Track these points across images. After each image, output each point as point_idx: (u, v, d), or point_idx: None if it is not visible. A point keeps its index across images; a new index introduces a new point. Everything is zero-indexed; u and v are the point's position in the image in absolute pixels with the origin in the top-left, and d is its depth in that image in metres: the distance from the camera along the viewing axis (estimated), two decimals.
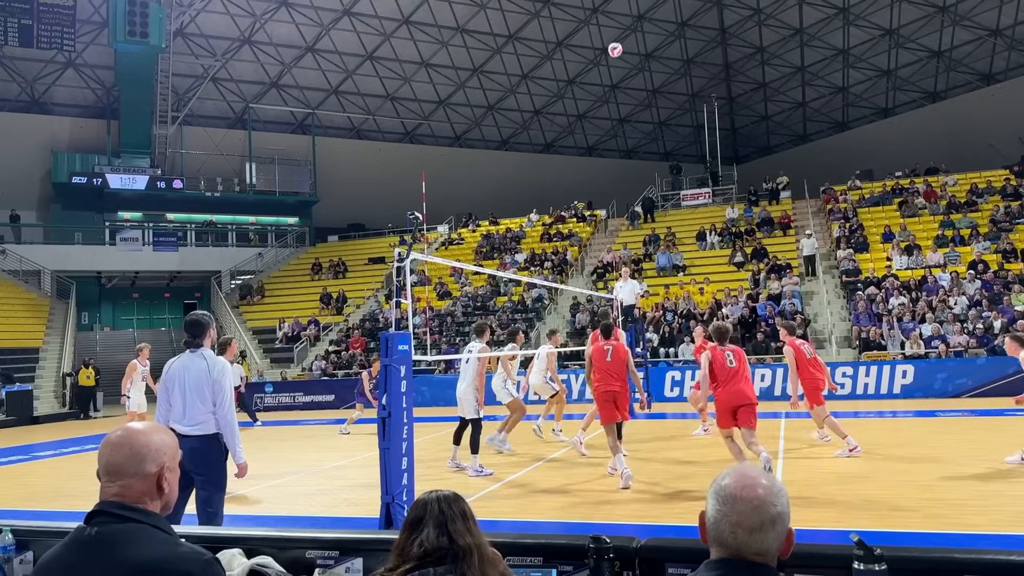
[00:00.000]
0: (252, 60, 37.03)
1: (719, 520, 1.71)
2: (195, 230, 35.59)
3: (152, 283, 36.21)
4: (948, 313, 19.34)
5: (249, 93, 37.98)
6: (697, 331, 13.91)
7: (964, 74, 36.20)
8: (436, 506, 1.98)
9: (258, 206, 37.04)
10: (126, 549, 1.78)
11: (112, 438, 1.94)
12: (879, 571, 2.10)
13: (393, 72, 39.27)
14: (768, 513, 1.69)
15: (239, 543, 2.74)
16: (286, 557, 2.74)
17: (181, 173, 35.79)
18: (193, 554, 1.81)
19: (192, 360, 5.39)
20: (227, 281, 33.17)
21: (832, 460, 9.56)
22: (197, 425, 5.26)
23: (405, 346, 6.75)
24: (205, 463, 5.24)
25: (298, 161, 37.92)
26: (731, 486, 1.73)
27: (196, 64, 35.79)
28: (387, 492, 6.48)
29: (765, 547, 1.69)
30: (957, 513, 6.64)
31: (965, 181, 27.25)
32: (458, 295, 27.37)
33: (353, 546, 2.71)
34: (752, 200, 30.09)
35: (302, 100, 38.95)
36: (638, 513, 7.17)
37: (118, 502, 1.86)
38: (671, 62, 41.57)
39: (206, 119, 37.42)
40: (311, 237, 37.18)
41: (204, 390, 5.28)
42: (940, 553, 2.34)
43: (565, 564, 2.48)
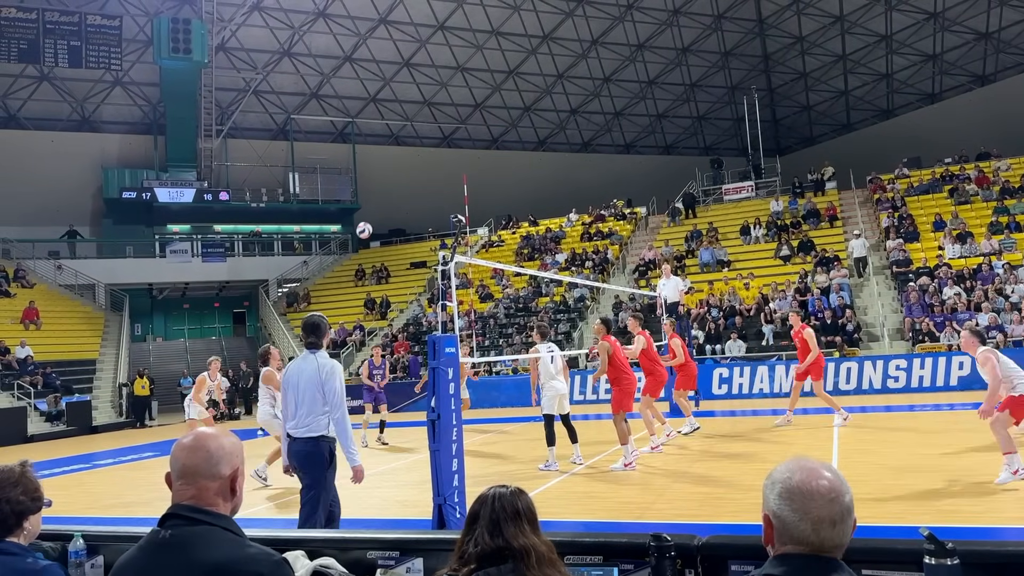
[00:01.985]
0: (292, 72, 37.64)
1: (797, 519, 1.66)
2: (242, 240, 36.29)
3: (202, 293, 37.02)
4: (1004, 302, 18.78)
5: (290, 104, 38.60)
6: (793, 316, 14.18)
7: (1014, 55, 35.08)
8: (491, 504, 1.96)
9: (302, 215, 37.63)
10: (198, 551, 1.83)
11: (185, 442, 1.99)
12: (951, 566, 2.05)
13: (429, 78, 39.54)
14: (844, 503, 1.67)
15: (302, 545, 2.79)
16: (348, 558, 2.78)
17: (227, 185, 36.53)
18: (262, 555, 1.85)
19: (306, 362, 5.45)
20: (274, 289, 33.76)
21: (888, 454, 9.34)
22: (305, 428, 5.31)
23: (452, 348, 6.79)
24: (310, 465, 5.31)
25: (339, 169, 38.42)
26: (804, 481, 1.68)
27: (238, 78, 36.50)
28: (439, 493, 6.53)
29: (845, 539, 1.67)
30: (1018, 507, 6.44)
31: (1019, 165, 26.41)
32: (500, 297, 27.42)
33: (413, 546, 2.74)
34: (797, 192, 29.58)
35: (341, 109, 39.45)
36: (691, 512, 7.10)
37: (191, 505, 1.91)
38: (709, 55, 41.10)
39: (249, 131, 38.13)
40: (354, 244, 37.62)
41: (315, 392, 5.31)
42: (1014, 547, 2.28)
43: (626, 563, 2.46)
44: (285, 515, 8.29)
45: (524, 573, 1.83)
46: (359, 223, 9.37)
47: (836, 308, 20.62)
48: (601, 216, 32.26)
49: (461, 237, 30.88)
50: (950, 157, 28.72)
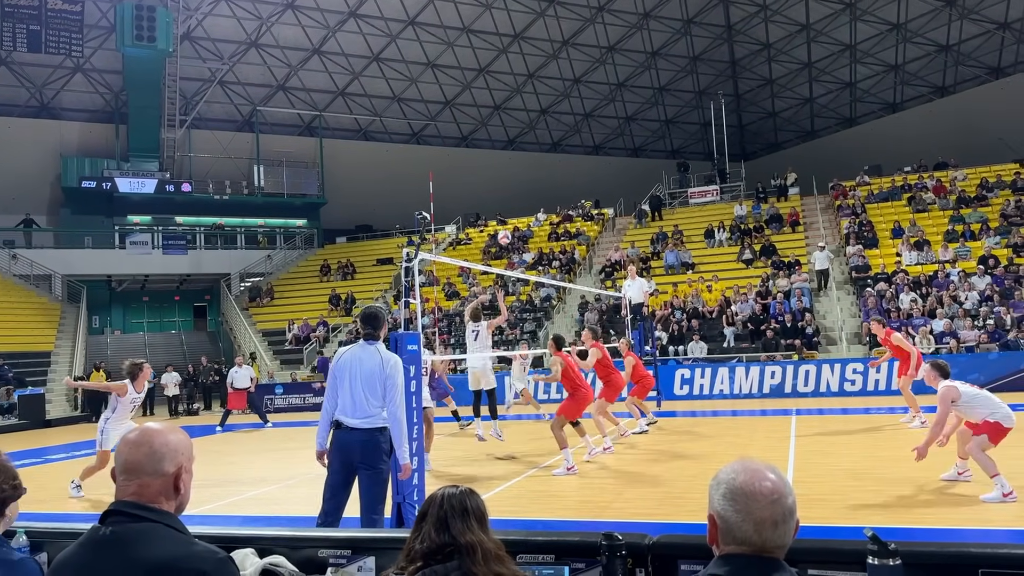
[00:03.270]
0: (259, 63, 37.15)
1: (740, 520, 1.69)
2: (204, 233, 35.72)
3: (162, 286, 36.37)
4: (958, 309, 19.24)
5: (256, 96, 38.10)
6: (875, 325, 13.68)
7: (972, 68, 35.97)
8: (439, 503, 1.96)
9: (266, 208, 37.14)
10: (140, 548, 1.79)
11: (130, 437, 1.95)
12: (894, 566, 2.09)
13: (399, 73, 39.32)
14: (786, 505, 1.69)
15: (251, 543, 2.75)
16: (299, 556, 2.75)
17: (189, 176, 35.95)
18: (207, 553, 1.82)
19: (366, 352, 5.34)
20: (236, 283, 33.29)
21: (843, 456, 9.51)
22: (368, 418, 5.21)
23: (414, 346, 6.75)
24: (375, 456, 5.18)
25: (305, 163, 38.02)
26: (747, 483, 1.71)
27: (203, 68, 35.93)
28: (398, 492, 6.48)
29: (787, 540, 1.69)
30: (970, 509, 6.61)
31: (975, 175, 27.08)
32: (466, 295, 27.38)
33: (365, 545, 2.72)
34: (760, 197, 29.99)
35: (309, 102, 39.05)
36: (648, 511, 7.16)
37: (134, 501, 1.87)
38: (677, 59, 41.48)
39: (214, 122, 37.56)
40: (319, 239, 37.27)
41: (376, 384, 5.23)
42: (954, 548, 2.33)
43: (577, 561, 2.47)
44: (235, 513, 8.19)
45: (470, 569, 1.83)
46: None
47: (796, 312, 20.96)
48: (569, 216, 32.38)
49: (426, 234, 30.80)
50: (909, 166, 29.35)
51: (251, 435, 16.72)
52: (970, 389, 7.23)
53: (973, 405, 7.10)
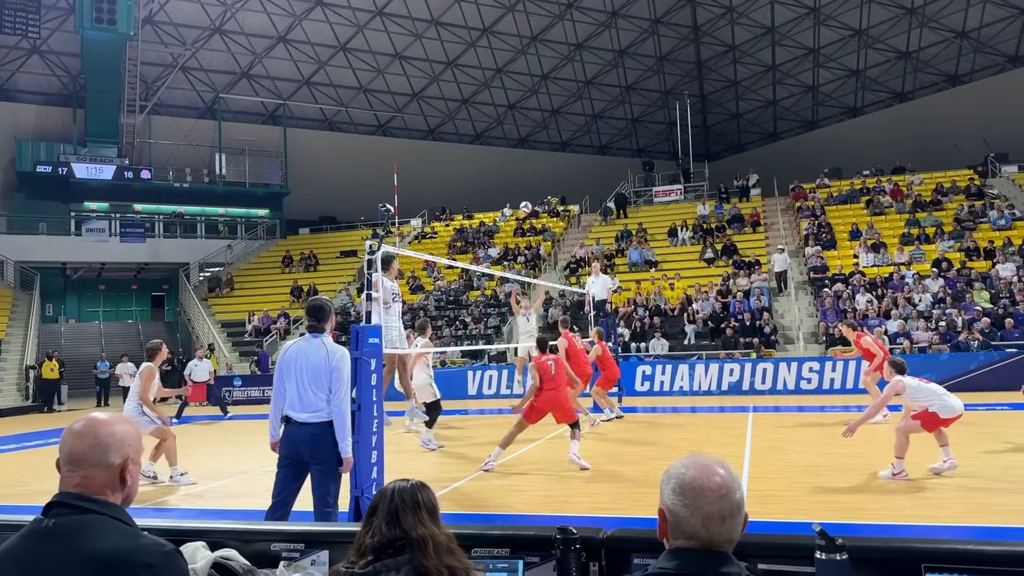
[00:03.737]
0: (223, 49, 36.53)
1: (688, 514, 1.71)
2: (163, 221, 35.07)
3: (119, 275, 35.64)
4: (912, 310, 19.70)
5: (219, 83, 37.47)
6: (845, 329, 13.70)
7: (930, 75, 36.81)
8: (390, 496, 1.95)
9: (228, 197, 36.56)
10: (85, 540, 1.75)
11: (75, 427, 1.90)
12: (840, 561, 2.13)
13: (366, 64, 38.98)
14: (734, 500, 1.71)
15: (203, 536, 2.71)
16: (251, 550, 2.72)
17: (149, 163, 35.25)
18: (154, 546, 1.79)
19: (311, 345, 5.25)
20: (196, 273, 32.76)
21: (798, 452, 9.69)
22: (315, 412, 5.11)
23: (376, 339, 6.71)
24: (324, 451, 5.09)
25: (269, 152, 37.51)
26: (696, 478, 1.73)
27: (165, 53, 35.23)
28: (356, 486, 6.43)
29: (734, 534, 1.71)
30: (917, 505, 6.78)
31: (931, 180, 27.74)
32: (431, 289, 27.29)
33: (319, 538, 2.69)
34: (723, 197, 30.37)
35: (273, 91, 38.52)
36: (607, 506, 7.21)
37: (78, 493, 1.83)
38: (644, 59, 41.77)
39: (175, 109, 36.87)
40: (282, 229, 36.82)
41: (322, 377, 5.13)
42: (899, 543, 2.39)
43: (532, 555, 2.48)
44: (189, 506, 8.08)
45: (422, 563, 1.82)
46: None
47: (755, 311, 21.27)
48: (535, 212, 32.43)
49: (391, 227, 30.60)
50: (868, 170, 29.97)
51: (209, 427, 16.49)
52: (917, 382, 8.03)
53: (916, 397, 7.93)
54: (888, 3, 34.78)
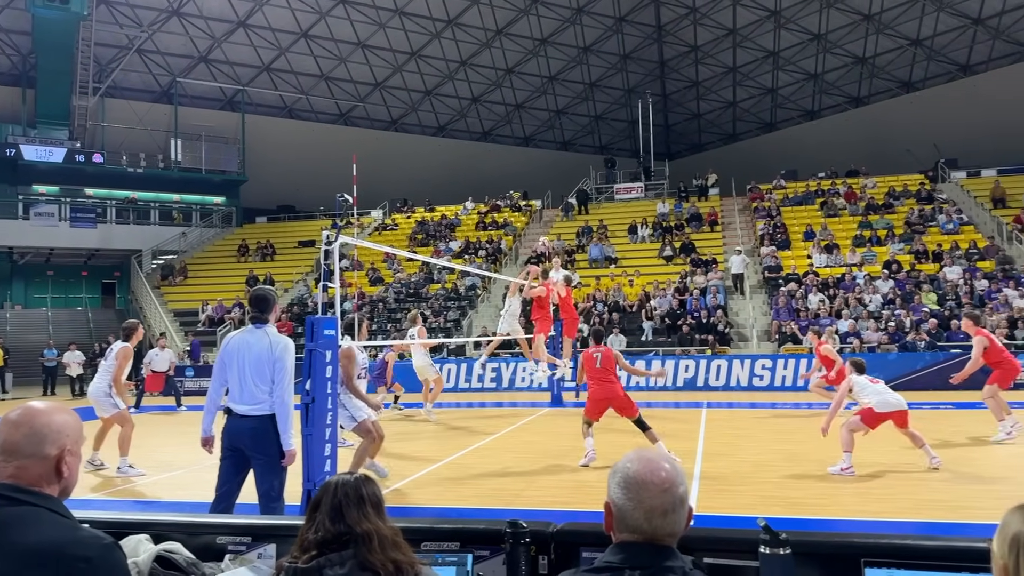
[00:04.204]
0: (180, 33, 35.73)
1: (631, 508, 1.73)
2: (115, 207, 34.22)
3: (68, 260, 34.69)
4: (863, 310, 20.16)
5: (176, 67, 36.67)
6: (811, 335, 14.34)
7: (885, 81, 37.67)
8: (333, 491, 1.92)
9: (183, 184, 35.82)
10: (19, 533, 1.70)
11: (11, 416, 1.84)
12: (784, 555, 2.17)
13: (328, 52, 38.49)
14: (676, 494, 1.73)
15: (146, 528, 2.65)
16: (196, 543, 2.67)
17: (102, 147, 34.34)
18: (92, 538, 1.74)
19: (254, 336, 5.13)
20: (148, 261, 32.05)
21: (748, 449, 9.85)
22: (257, 404, 5.00)
23: (331, 331, 6.64)
24: (265, 444, 4.98)
25: (226, 139, 36.83)
26: (639, 472, 1.75)
27: (121, 34, 34.32)
28: (308, 479, 6.38)
29: (676, 528, 1.73)
30: (863, 501, 6.95)
31: (883, 184, 28.40)
32: (391, 281, 27.12)
33: (266, 532, 2.65)
34: (682, 196, 30.70)
35: (232, 76, 37.81)
36: (559, 500, 7.25)
37: (12, 484, 1.77)
38: (608, 56, 41.97)
39: (130, 92, 35.97)
40: (238, 218, 36.21)
41: (265, 368, 5.02)
42: (840, 538, 2.44)
43: (482, 549, 2.48)
44: (136, 498, 7.92)
45: (366, 557, 1.80)
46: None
47: (711, 309, 21.57)
48: (497, 206, 32.41)
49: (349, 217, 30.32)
50: (823, 172, 30.56)
51: (162, 418, 16.18)
52: (864, 380, 8.62)
53: (860, 393, 8.52)
54: (847, 9, 35.47)
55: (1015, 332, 18.38)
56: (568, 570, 1.85)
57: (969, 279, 20.90)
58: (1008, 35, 33.09)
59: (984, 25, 33.34)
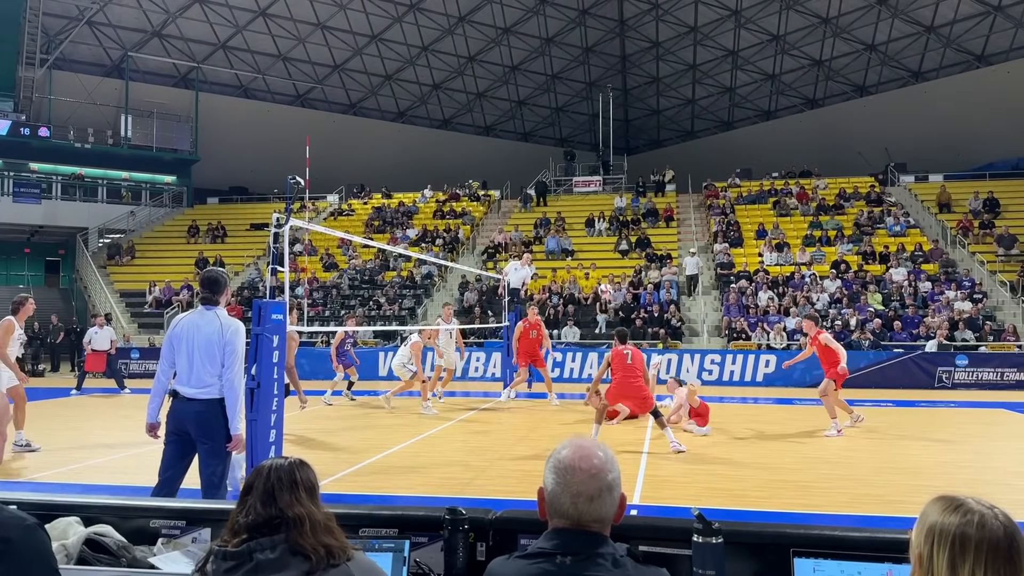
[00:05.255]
0: (133, 6, 34.71)
1: (559, 492, 1.75)
2: (61, 183, 33.17)
3: (10, 236, 33.53)
4: (810, 308, 20.61)
5: (128, 41, 35.64)
6: (807, 323, 11.83)
7: (840, 84, 38.45)
8: (266, 475, 1.90)
9: (132, 161, 34.87)
10: None
11: None
12: (716, 544, 2.22)
13: (286, 31, 37.79)
14: (604, 480, 1.75)
15: (77, 511, 2.60)
16: (129, 527, 2.62)
17: (48, 120, 33.24)
18: (13, 519, 1.70)
19: (204, 318, 5.00)
20: (95, 239, 31.19)
21: (691, 443, 10.02)
22: (205, 388, 4.89)
23: (279, 315, 6.56)
24: (211, 429, 4.87)
25: (179, 117, 35.95)
26: (569, 457, 1.77)
27: (71, 4, 33.20)
28: (252, 465, 6.30)
29: (603, 514, 1.75)
30: (802, 494, 7.12)
31: (835, 185, 29.03)
32: (345, 267, 26.85)
33: (200, 516, 2.62)
34: (639, 191, 30.97)
35: (186, 52, 36.91)
36: (507, 488, 7.28)
37: None
38: (571, 49, 42.01)
39: (79, 64, 34.87)
40: (189, 198, 35.43)
41: (215, 351, 4.91)
42: (772, 528, 2.50)
43: (420, 535, 2.48)
44: (74, 481, 7.73)
45: (297, 541, 1.79)
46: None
47: (664, 303, 21.84)
48: (456, 195, 32.29)
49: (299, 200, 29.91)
50: (777, 172, 31.11)
51: (105, 400, 15.81)
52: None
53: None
54: (805, 11, 36.07)
55: (955, 333, 19.00)
56: (501, 556, 1.86)
57: (913, 281, 21.52)
58: (959, 44, 34.04)
59: (936, 33, 34.24)
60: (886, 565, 2.24)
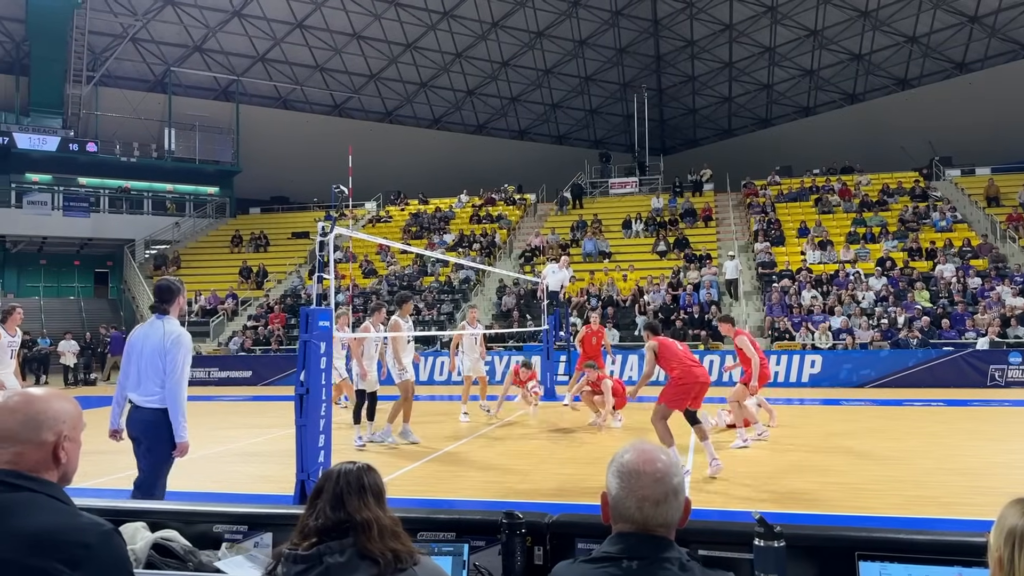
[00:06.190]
0: (175, 22, 35.53)
1: (624, 496, 1.75)
2: (108, 196, 34.05)
3: (61, 249, 34.52)
4: (856, 307, 20.24)
5: (171, 56, 36.48)
6: (725, 327, 10.90)
7: (881, 78, 37.72)
8: (335, 479, 1.94)
9: (176, 174, 35.67)
10: (18, 518, 1.70)
11: (9, 402, 1.84)
12: (778, 547, 2.20)
13: (323, 42, 38.32)
14: (670, 484, 1.75)
15: (143, 516, 2.67)
16: (193, 531, 2.68)
17: (95, 136, 34.18)
18: (92, 525, 1.75)
19: (153, 327, 5.11)
20: (141, 250, 31.95)
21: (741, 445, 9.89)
22: (151, 397, 4.98)
23: (326, 322, 6.65)
24: (155, 437, 4.97)
25: (220, 129, 36.68)
26: (633, 461, 1.77)
27: (115, 23, 34.11)
28: (303, 469, 6.41)
29: (669, 518, 1.75)
30: (855, 496, 6.99)
31: (877, 181, 28.48)
32: (384, 274, 27.09)
33: (262, 521, 2.67)
34: (677, 191, 30.72)
35: (226, 66, 37.64)
36: (552, 492, 7.27)
37: (11, 470, 1.77)
38: (604, 50, 41.90)
39: (124, 80, 35.78)
40: (232, 208, 36.09)
41: (158, 360, 4.99)
42: (833, 532, 2.47)
43: (478, 539, 2.50)
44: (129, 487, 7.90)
45: (366, 545, 1.82)
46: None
47: (704, 304, 21.62)
48: (491, 199, 32.39)
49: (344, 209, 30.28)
50: (818, 169, 30.61)
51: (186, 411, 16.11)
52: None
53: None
54: (843, 5, 35.48)
55: (1007, 330, 18.48)
56: (564, 561, 1.87)
57: (962, 277, 21.00)
58: (1004, 33, 33.17)
59: (980, 23, 33.41)
60: (955, 568, 2.20)
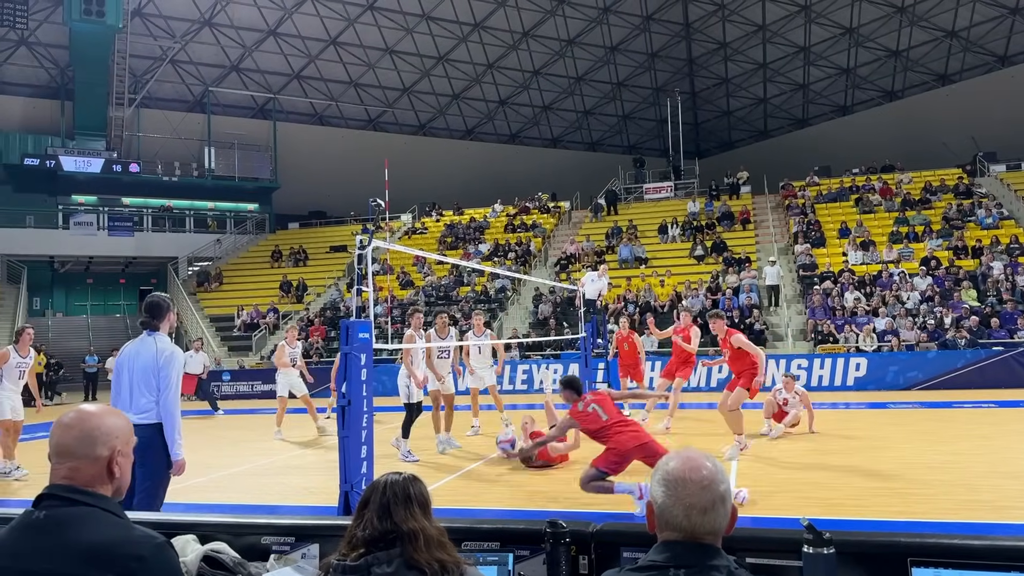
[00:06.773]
0: (212, 43, 36.33)
1: (670, 505, 1.74)
2: (151, 215, 34.88)
3: (107, 268, 35.43)
4: (900, 308, 19.82)
5: (209, 76, 37.27)
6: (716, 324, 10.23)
7: (920, 74, 36.99)
8: (382, 490, 1.96)
9: (217, 191, 36.42)
10: (75, 532, 1.76)
11: (64, 419, 1.91)
12: (827, 555, 2.16)
13: (357, 58, 38.84)
14: (717, 492, 1.73)
15: (193, 529, 2.71)
16: (242, 543, 2.72)
17: (138, 156, 35.04)
18: (145, 538, 1.79)
19: (144, 344, 5.13)
20: (184, 267, 32.61)
21: (785, 450, 9.74)
22: (143, 414, 4.98)
23: (366, 334, 6.71)
24: (148, 454, 4.92)
25: (258, 146, 37.36)
26: (679, 469, 1.76)
27: (154, 45, 34.99)
28: (346, 480, 6.45)
29: (716, 526, 1.73)
30: (903, 502, 6.83)
31: (919, 179, 27.89)
32: (421, 284, 27.27)
33: (309, 532, 2.70)
34: (713, 194, 30.44)
35: (263, 84, 38.34)
36: (594, 501, 7.23)
37: (67, 485, 1.83)
38: (636, 55, 41.78)
39: (164, 102, 36.65)
40: (271, 224, 36.68)
41: (150, 377, 4.99)
42: (885, 538, 2.41)
43: (522, 548, 2.49)
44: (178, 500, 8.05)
45: (412, 556, 1.83)
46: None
47: (744, 308, 21.35)
48: (526, 208, 32.44)
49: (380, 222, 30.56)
50: (857, 168, 30.10)
51: (200, 422, 16.42)
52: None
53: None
54: (879, 1, 34.92)
55: None
56: (611, 570, 1.86)
57: (1011, 274, 20.45)
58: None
59: (1022, 15, 32.60)
60: (1012, 574, 2.14)
